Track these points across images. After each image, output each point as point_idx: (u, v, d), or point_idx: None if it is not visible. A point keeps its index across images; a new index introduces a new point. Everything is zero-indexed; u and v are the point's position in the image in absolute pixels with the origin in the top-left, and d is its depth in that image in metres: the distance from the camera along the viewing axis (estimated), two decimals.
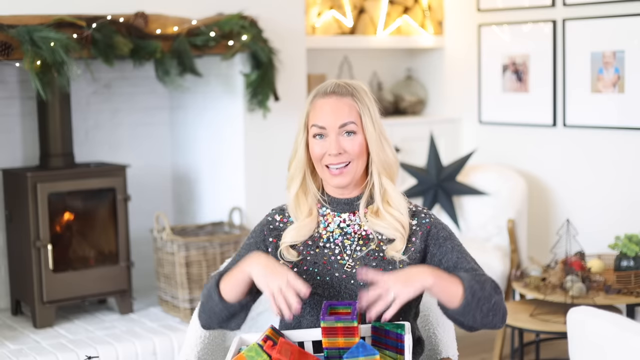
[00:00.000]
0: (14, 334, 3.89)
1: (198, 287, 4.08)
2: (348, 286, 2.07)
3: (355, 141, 2.08)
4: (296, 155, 2.15)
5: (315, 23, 4.93)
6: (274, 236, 2.17)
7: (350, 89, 2.11)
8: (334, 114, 2.08)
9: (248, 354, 1.90)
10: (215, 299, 2.08)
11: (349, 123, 2.08)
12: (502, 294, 2.04)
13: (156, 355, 3.81)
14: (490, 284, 2.01)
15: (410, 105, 5.39)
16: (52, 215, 3.99)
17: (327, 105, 2.10)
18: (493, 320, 2.01)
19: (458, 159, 4.87)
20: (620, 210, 4.50)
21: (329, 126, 2.08)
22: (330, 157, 2.08)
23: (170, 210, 4.80)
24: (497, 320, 2.01)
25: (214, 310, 2.10)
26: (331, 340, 1.91)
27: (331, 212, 2.16)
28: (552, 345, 4.30)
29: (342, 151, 2.08)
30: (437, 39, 5.34)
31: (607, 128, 4.53)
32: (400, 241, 2.08)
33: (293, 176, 2.17)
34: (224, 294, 2.07)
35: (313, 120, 2.11)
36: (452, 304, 1.96)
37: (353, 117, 2.08)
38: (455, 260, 2.07)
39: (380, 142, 2.11)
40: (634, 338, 2.05)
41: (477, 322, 1.99)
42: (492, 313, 1.99)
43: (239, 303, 2.07)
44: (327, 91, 2.11)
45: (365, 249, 2.11)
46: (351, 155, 2.08)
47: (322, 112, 2.09)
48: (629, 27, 4.39)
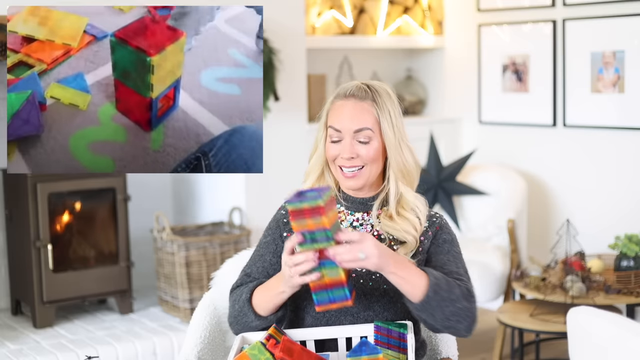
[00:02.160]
0: (14, 334, 3.89)
1: (198, 287, 4.08)
2: (358, 285, 2.06)
3: (370, 147, 2.06)
4: (315, 153, 2.14)
5: (315, 23, 4.93)
6: (288, 230, 2.14)
7: (371, 92, 2.08)
8: (350, 118, 2.06)
9: (251, 352, 1.90)
10: (251, 317, 2.07)
11: (364, 129, 2.05)
12: (476, 303, 2.01)
13: (156, 355, 3.81)
14: (462, 289, 1.98)
15: (410, 105, 5.39)
16: (52, 215, 3.99)
17: (344, 108, 2.08)
18: (456, 326, 1.97)
19: (458, 159, 4.87)
20: (621, 210, 4.51)
21: (345, 130, 2.06)
22: (343, 159, 2.07)
23: (170, 210, 4.80)
24: (461, 327, 1.98)
25: (250, 326, 2.08)
26: (299, 223, 1.86)
27: (345, 210, 2.15)
28: (552, 345, 4.30)
29: (355, 156, 2.06)
30: (437, 39, 5.35)
31: (607, 128, 4.53)
32: (411, 244, 2.07)
33: (310, 171, 2.16)
34: (258, 309, 2.06)
35: (330, 121, 2.09)
36: (413, 297, 1.94)
37: (370, 122, 2.06)
38: (443, 261, 2.06)
39: (400, 147, 2.08)
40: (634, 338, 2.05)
41: (437, 322, 1.96)
42: (455, 318, 1.96)
43: (274, 315, 2.06)
44: (347, 93, 2.09)
45: None
46: (365, 160, 2.06)
47: (339, 115, 2.08)
48: (629, 27, 4.39)
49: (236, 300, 2.11)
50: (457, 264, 2.07)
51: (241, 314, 2.09)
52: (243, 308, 2.08)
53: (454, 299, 1.95)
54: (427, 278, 1.94)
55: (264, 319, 2.06)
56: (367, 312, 2.05)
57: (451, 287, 1.96)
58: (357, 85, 2.10)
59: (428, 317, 1.96)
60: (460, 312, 1.96)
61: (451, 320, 1.96)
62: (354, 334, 2.02)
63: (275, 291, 2.02)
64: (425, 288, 1.93)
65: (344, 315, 2.06)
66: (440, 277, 1.96)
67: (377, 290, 2.05)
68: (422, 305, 1.94)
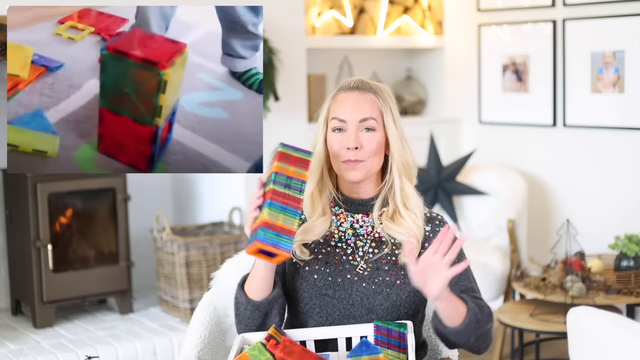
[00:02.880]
0: (14, 334, 3.89)
1: (198, 287, 4.08)
2: (360, 289, 2.05)
3: (373, 138, 2.06)
4: (315, 150, 2.14)
5: (315, 23, 4.93)
6: None
7: (373, 87, 2.10)
8: (355, 108, 2.07)
9: (251, 352, 1.90)
10: (243, 301, 2.05)
11: (369, 119, 2.06)
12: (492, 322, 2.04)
13: (156, 355, 3.81)
14: (487, 310, 2.01)
15: (410, 105, 5.39)
16: (52, 215, 3.99)
17: (349, 98, 2.08)
18: (480, 346, 2.00)
19: (458, 159, 4.87)
20: (621, 210, 4.51)
21: (350, 120, 2.06)
22: (348, 152, 2.05)
23: (170, 210, 4.80)
24: (483, 347, 2.01)
25: (246, 315, 2.06)
26: (282, 166, 1.92)
27: (344, 212, 2.14)
28: (552, 345, 4.30)
29: (359, 146, 2.05)
30: (437, 39, 5.35)
31: (607, 128, 4.53)
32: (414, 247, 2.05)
33: (310, 172, 2.15)
34: (250, 294, 2.05)
35: (334, 113, 2.09)
36: (454, 321, 1.94)
37: (374, 113, 2.07)
38: (457, 277, 2.05)
39: (401, 142, 2.10)
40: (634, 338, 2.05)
41: (469, 343, 1.98)
42: (482, 338, 1.98)
43: (266, 299, 2.04)
44: (351, 86, 2.10)
45: (378, 252, 2.09)
46: (368, 152, 2.06)
47: (344, 106, 2.08)
48: (629, 27, 4.39)
49: (234, 297, 2.11)
50: (469, 278, 2.07)
51: (236, 302, 2.07)
52: (236, 295, 2.07)
53: (484, 320, 1.97)
54: (463, 303, 1.96)
55: (255, 303, 2.03)
56: (369, 316, 2.05)
57: (482, 310, 1.98)
58: (359, 79, 2.12)
59: (461, 340, 1.97)
60: (487, 333, 1.99)
61: (479, 341, 1.98)
62: (354, 334, 2.02)
63: (259, 264, 2.01)
64: (465, 312, 1.94)
65: (347, 319, 2.05)
66: (471, 300, 1.98)
67: (380, 294, 2.05)
68: (463, 329, 1.94)
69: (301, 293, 2.08)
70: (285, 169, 1.90)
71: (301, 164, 1.91)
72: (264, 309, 2.04)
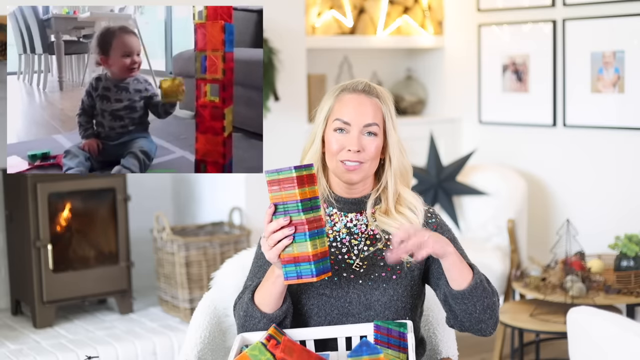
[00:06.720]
0: (14, 334, 3.89)
1: (198, 287, 4.08)
2: (356, 286, 2.06)
3: (373, 143, 2.07)
4: (311, 148, 2.13)
5: (315, 23, 4.93)
6: None
7: (378, 91, 2.12)
8: (360, 111, 2.07)
9: (251, 352, 1.90)
10: (257, 316, 2.04)
11: (373, 124, 2.07)
12: (499, 301, 2.06)
13: (156, 355, 3.81)
14: (493, 286, 2.05)
15: (410, 105, 5.39)
16: (52, 215, 3.99)
17: (355, 101, 2.09)
18: (488, 321, 2.01)
19: (458, 159, 4.87)
20: (621, 210, 4.50)
21: (354, 123, 2.07)
22: (348, 153, 2.06)
23: (170, 210, 4.80)
24: (490, 323, 2.03)
25: (259, 328, 2.05)
26: (302, 191, 1.91)
27: (338, 212, 2.14)
28: (552, 345, 4.30)
29: (361, 149, 2.06)
30: (437, 39, 5.34)
31: (607, 128, 4.53)
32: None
33: None
34: (262, 307, 2.04)
35: (337, 114, 2.09)
36: (460, 283, 1.97)
37: (378, 119, 2.08)
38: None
39: (399, 148, 2.11)
40: (634, 338, 2.05)
41: (475, 313, 1.99)
42: (489, 312, 2.00)
43: (281, 310, 2.04)
44: (358, 88, 2.11)
45: (372, 248, 2.10)
46: (368, 155, 2.07)
47: (349, 108, 2.08)
48: (629, 27, 4.39)
49: (240, 307, 2.09)
50: (461, 249, 2.11)
51: (247, 317, 2.06)
52: (247, 310, 2.06)
53: (490, 291, 2.01)
54: (470, 267, 2.00)
55: (270, 315, 2.04)
56: (368, 312, 2.06)
57: (488, 281, 2.03)
58: (365, 82, 2.13)
59: (469, 306, 1.98)
60: (494, 306, 2.02)
61: (486, 314, 2.00)
62: (354, 334, 2.03)
63: (271, 279, 2.01)
64: (472, 276, 1.98)
65: (345, 317, 2.06)
66: (477, 269, 2.02)
67: (377, 290, 2.06)
68: (470, 291, 1.97)
69: (299, 295, 2.08)
70: (304, 192, 1.90)
71: (311, 180, 1.91)
72: (279, 319, 2.05)
